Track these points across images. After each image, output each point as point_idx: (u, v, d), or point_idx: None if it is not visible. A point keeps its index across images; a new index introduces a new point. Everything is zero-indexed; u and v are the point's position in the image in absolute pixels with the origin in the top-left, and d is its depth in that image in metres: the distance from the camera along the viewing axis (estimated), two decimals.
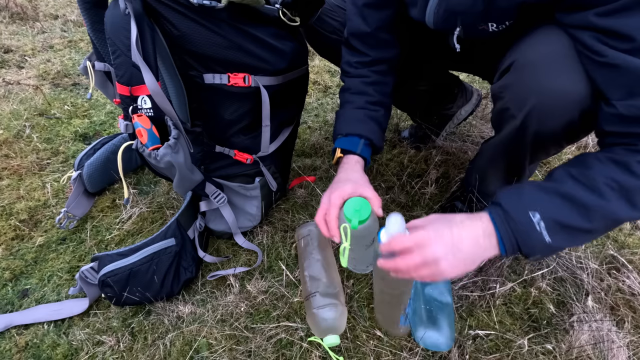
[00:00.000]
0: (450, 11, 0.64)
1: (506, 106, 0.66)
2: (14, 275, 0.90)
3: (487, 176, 0.87)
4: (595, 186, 0.53)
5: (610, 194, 0.52)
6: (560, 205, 0.54)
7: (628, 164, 0.52)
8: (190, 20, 0.68)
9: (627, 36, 0.49)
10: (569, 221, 0.53)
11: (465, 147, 1.23)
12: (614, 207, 0.52)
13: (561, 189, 0.54)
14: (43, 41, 1.88)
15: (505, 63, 0.65)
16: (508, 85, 0.64)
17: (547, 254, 0.60)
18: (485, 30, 0.65)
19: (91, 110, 1.43)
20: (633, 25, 0.48)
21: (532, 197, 0.55)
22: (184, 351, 0.75)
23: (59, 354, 0.75)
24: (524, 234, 0.54)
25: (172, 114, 0.70)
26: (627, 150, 0.53)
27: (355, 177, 0.75)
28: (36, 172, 1.16)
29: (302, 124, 1.38)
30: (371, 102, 0.83)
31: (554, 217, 0.53)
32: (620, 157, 0.53)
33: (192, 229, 0.87)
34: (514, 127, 0.67)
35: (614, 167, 0.53)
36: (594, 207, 0.52)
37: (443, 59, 0.96)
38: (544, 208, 0.54)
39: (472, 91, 1.20)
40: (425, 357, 0.73)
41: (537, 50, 0.60)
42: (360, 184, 0.73)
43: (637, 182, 0.51)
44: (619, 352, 0.72)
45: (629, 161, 0.52)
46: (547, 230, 0.53)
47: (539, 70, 0.59)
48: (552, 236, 0.53)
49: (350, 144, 0.80)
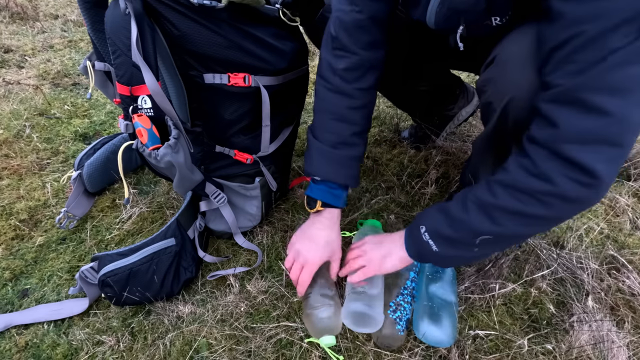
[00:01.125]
0: (454, 10, 0.64)
1: (489, 100, 0.67)
2: (14, 275, 0.90)
3: (478, 173, 0.87)
4: (464, 202, 0.62)
5: (471, 207, 0.61)
6: (438, 218, 0.66)
7: (489, 182, 0.59)
8: (191, 20, 0.68)
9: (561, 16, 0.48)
10: (442, 230, 0.64)
11: (465, 147, 1.23)
12: (472, 219, 0.60)
13: (444, 205, 0.66)
14: (43, 41, 1.88)
15: (489, 57, 0.66)
16: (489, 79, 0.66)
17: (444, 262, 0.70)
18: (488, 25, 0.65)
19: (91, 110, 1.43)
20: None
21: (427, 213, 0.69)
22: (184, 351, 0.75)
23: (59, 353, 0.75)
24: (417, 241, 0.68)
25: (172, 114, 0.70)
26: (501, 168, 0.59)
27: (334, 239, 0.79)
28: (36, 172, 1.16)
29: (302, 124, 1.38)
30: (355, 133, 0.77)
31: (432, 227, 0.66)
32: (490, 176, 0.60)
33: (192, 229, 0.87)
34: (495, 120, 0.68)
35: (482, 186, 0.60)
36: (457, 218, 0.62)
37: (444, 59, 0.96)
38: (428, 221, 0.67)
39: (474, 92, 1.20)
40: (425, 357, 0.73)
41: (515, 45, 0.60)
42: (336, 249, 0.79)
43: (494, 200, 0.58)
44: (619, 352, 0.72)
45: (492, 179, 0.59)
46: (432, 240, 0.65)
47: (516, 65, 0.60)
48: (438, 245, 0.65)
49: (333, 198, 0.78)
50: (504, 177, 0.57)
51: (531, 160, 0.54)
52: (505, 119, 0.65)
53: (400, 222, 0.99)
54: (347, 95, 0.75)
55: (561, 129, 0.50)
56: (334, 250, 0.79)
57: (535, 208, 0.55)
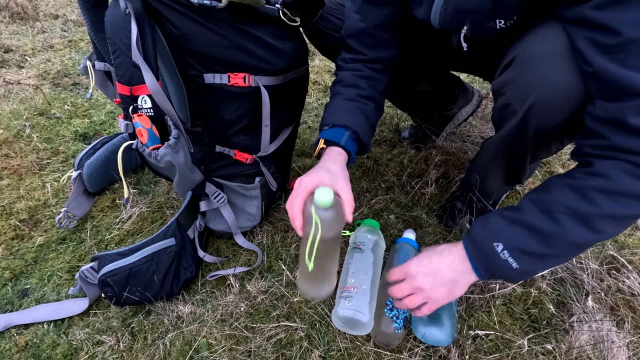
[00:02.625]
0: (460, 10, 0.64)
1: (508, 102, 0.66)
2: (14, 275, 0.90)
3: (487, 175, 0.87)
4: (551, 213, 0.57)
5: (564, 220, 0.56)
6: (520, 233, 0.59)
7: (583, 190, 0.55)
8: (191, 20, 0.68)
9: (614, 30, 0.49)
10: (529, 248, 0.58)
11: (465, 147, 1.23)
12: (569, 233, 0.55)
13: (521, 218, 0.60)
14: (43, 41, 1.88)
15: (507, 58, 0.65)
16: (509, 81, 0.64)
17: (523, 277, 0.64)
18: (492, 27, 0.65)
19: (91, 110, 1.43)
20: (621, 19, 0.48)
21: (496, 227, 0.62)
22: (183, 351, 0.75)
23: (59, 353, 0.75)
24: (490, 261, 0.61)
25: (173, 114, 0.70)
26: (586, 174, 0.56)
27: (335, 168, 0.70)
28: (36, 171, 1.16)
29: (302, 124, 1.38)
30: (362, 96, 0.79)
31: (515, 245, 0.59)
32: (577, 182, 0.56)
33: (192, 229, 0.87)
34: (515, 123, 0.66)
35: (570, 194, 0.56)
36: (550, 234, 0.57)
37: (444, 60, 0.96)
38: (506, 238, 0.60)
39: (473, 92, 1.20)
40: (425, 357, 0.73)
41: (539, 45, 0.60)
42: (339, 177, 0.69)
43: (592, 209, 0.54)
44: (619, 353, 0.72)
45: (585, 186, 0.55)
46: (512, 258, 0.59)
47: (541, 65, 0.59)
48: (519, 262, 0.59)
49: (335, 135, 0.75)
50: (604, 183, 0.54)
51: (637, 166, 0.52)
52: (527, 121, 0.64)
53: (400, 222, 1.00)
54: (355, 70, 0.81)
55: None
56: (336, 176, 0.69)
57: (637, 209, 0.54)
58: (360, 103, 0.79)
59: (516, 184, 0.96)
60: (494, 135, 0.78)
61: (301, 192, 0.68)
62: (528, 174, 0.85)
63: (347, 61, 0.83)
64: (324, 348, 0.74)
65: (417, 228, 0.97)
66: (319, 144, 0.77)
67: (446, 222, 0.98)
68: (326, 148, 0.76)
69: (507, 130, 0.70)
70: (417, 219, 1.00)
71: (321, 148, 0.76)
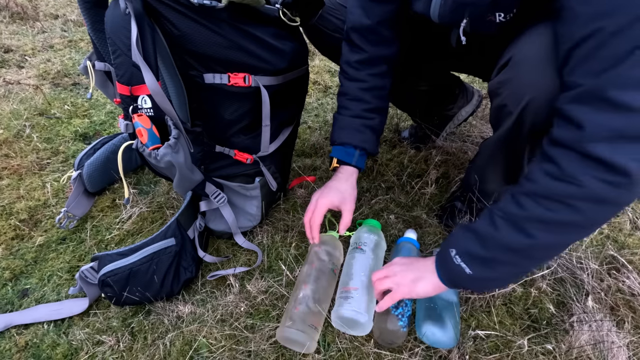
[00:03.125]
0: (459, 3, 0.64)
1: (504, 102, 0.66)
2: (14, 275, 0.90)
3: (486, 175, 0.87)
4: (492, 218, 0.59)
5: (499, 223, 0.58)
6: (467, 238, 0.62)
7: (515, 195, 0.57)
8: (191, 20, 0.68)
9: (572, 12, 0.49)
10: (472, 250, 0.60)
11: (465, 147, 1.23)
12: (503, 235, 0.57)
13: (472, 225, 0.63)
14: (43, 41, 1.88)
15: (503, 59, 0.65)
16: (505, 81, 0.65)
17: (480, 284, 0.65)
18: (492, 21, 0.65)
19: (91, 110, 1.43)
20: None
21: (454, 235, 0.66)
22: (183, 351, 0.75)
23: (59, 353, 0.75)
24: (447, 266, 0.64)
25: (172, 114, 0.70)
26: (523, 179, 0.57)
27: (346, 189, 0.83)
28: (36, 171, 1.16)
29: (302, 124, 1.38)
30: (367, 110, 0.85)
31: (463, 249, 0.62)
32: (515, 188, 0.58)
33: (192, 229, 0.87)
34: (511, 123, 0.67)
35: (508, 199, 0.58)
36: (487, 236, 0.59)
37: (444, 59, 0.96)
38: (458, 243, 0.63)
39: (473, 92, 1.20)
40: (426, 357, 0.73)
41: (533, 46, 0.60)
42: (347, 199, 0.83)
43: (520, 212, 0.55)
44: (619, 353, 0.72)
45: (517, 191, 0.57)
46: (464, 263, 0.61)
47: (534, 66, 0.59)
48: (471, 267, 0.61)
49: (346, 155, 0.85)
50: (529, 186, 0.55)
51: (556, 164, 0.52)
52: (522, 121, 0.65)
53: (400, 222, 1.00)
54: (359, 80, 0.85)
55: (587, 129, 0.48)
56: (345, 198, 0.82)
57: (565, 214, 0.52)
58: (367, 119, 0.85)
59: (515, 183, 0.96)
60: (491, 136, 0.78)
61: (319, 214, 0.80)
62: None
63: (352, 65, 0.85)
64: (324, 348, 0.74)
65: (417, 228, 0.97)
66: (332, 162, 0.87)
67: (446, 222, 0.98)
68: (339, 167, 0.86)
69: (503, 131, 0.71)
70: (417, 219, 1.00)
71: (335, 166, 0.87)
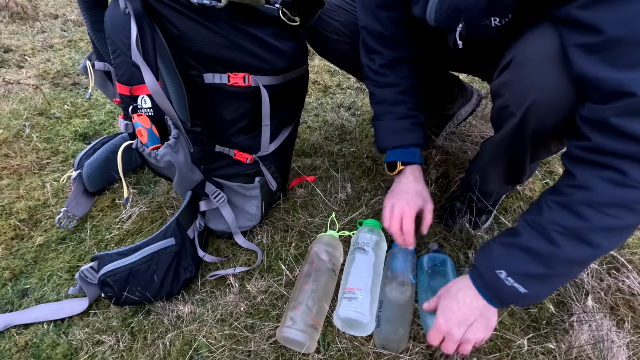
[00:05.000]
0: (454, 8, 0.64)
1: (506, 104, 0.66)
2: (14, 275, 0.90)
3: (487, 176, 0.87)
4: (546, 234, 0.56)
5: (559, 239, 0.55)
6: (520, 258, 0.59)
7: (571, 206, 0.55)
8: (191, 20, 0.68)
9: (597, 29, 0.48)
10: (531, 271, 0.58)
11: (465, 147, 1.23)
12: (567, 252, 0.55)
13: (519, 242, 0.60)
14: (43, 41, 1.88)
15: (505, 60, 0.65)
16: (508, 83, 0.64)
17: (537, 299, 0.64)
18: (488, 26, 0.65)
19: (91, 110, 1.43)
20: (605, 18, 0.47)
21: (497, 256, 0.62)
22: (184, 351, 0.75)
23: (59, 353, 0.75)
24: (499, 290, 0.61)
25: (172, 114, 0.70)
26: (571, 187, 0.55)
27: (423, 188, 0.84)
28: (36, 172, 1.16)
29: (302, 124, 1.38)
30: (412, 109, 0.86)
31: (517, 271, 0.59)
32: (565, 198, 0.56)
33: (192, 229, 0.87)
34: (514, 124, 0.67)
35: (560, 211, 0.56)
36: (548, 255, 0.57)
37: (442, 60, 0.96)
38: (507, 264, 0.60)
39: (473, 91, 1.20)
40: (426, 356, 0.73)
41: (536, 47, 0.60)
42: (428, 199, 0.83)
43: (583, 224, 0.53)
44: (619, 352, 0.72)
45: (571, 202, 0.55)
46: (518, 283, 0.59)
47: (537, 67, 0.59)
48: (526, 286, 0.59)
49: (410, 156, 0.85)
50: (587, 195, 0.53)
51: (619, 171, 0.51)
52: (526, 123, 0.64)
53: None
54: (393, 85, 0.86)
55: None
56: (426, 199, 0.82)
57: (630, 219, 0.52)
58: (414, 118, 0.86)
59: (517, 184, 0.96)
60: (493, 136, 0.78)
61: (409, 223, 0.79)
62: (529, 174, 0.86)
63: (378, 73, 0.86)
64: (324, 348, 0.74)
65: None
66: (397, 167, 0.86)
67: (446, 222, 0.98)
68: (406, 168, 0.86)
69: (506, 132, 0.70)
70: (417, 219, 1.00)
71: (401, 169, 0.86)
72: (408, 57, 0.85)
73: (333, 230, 0.94)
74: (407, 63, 0.86)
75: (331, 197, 1.06)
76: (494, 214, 0.99)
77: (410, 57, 0.86)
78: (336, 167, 1.17)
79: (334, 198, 1.06)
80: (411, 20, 0.77)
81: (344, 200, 1.05)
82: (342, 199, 1.05)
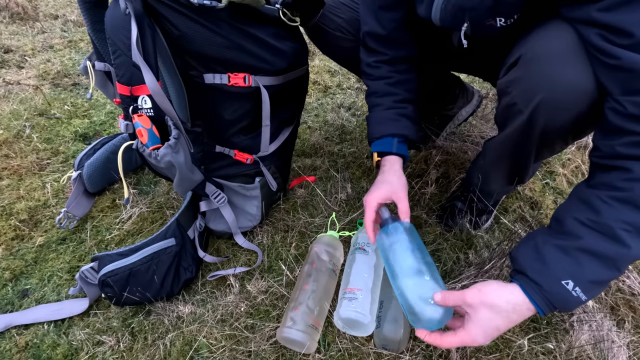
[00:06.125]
0: (459, 7, 0.64)
1: (513, 101, 0.65)
2: (14, 275, 0.90)
3: (490, 175, 0.87)
4: (613, 234, 0.52)
5: (629, 238, 0.51)
6: (588, 264, 0.53)
7: (636, 201, 0.51)
8: (191, 20, 0.68)
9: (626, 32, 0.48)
10: (601, 277, 0.53)
11: (465, 147, 1.23)
12: (638, 250, 0.51)
13: (582, 245, 0.54)
14: (43, 41, 1.88)
15: (512, 57, 0.64)
16: (515, 80, 0.64)
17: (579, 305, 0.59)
18: (493, 25, 0.64)
19: (91, 110, 1.43)
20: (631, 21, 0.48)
21: (559, 264, 0.54)
22: (184, 351, 0.75)
23: (59, 354, 0.75)
24: (562, 301, 0.54)
25: (173, 114, 0.70)
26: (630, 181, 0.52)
27: (392, 179, 0.78)
28: (36, 172, 1.16)
29: (302, 124, 1.38)
30: (398, 101, 0.85)
31: (587, 279, 0.53)
32: (625, 194, 0.52)
33: (192, 229, 0.87)
34: (521, 122, 0.66)
35: (623, 208, 0.52)
36: (618, 257, 0.52)
37: (446, 59, 0.96)
38: (574, 274, 0.53)
39: (473, 92, 1.20)
40: (426, 356, 0.73)
41: (544, 44, 0.59)
42: (397, 188, 0.76)
43: None
44: (619, 352, 0.72)
45: (635, 197, 0.51)
46: (583, 292, 0.53)
47: (547, 64, 0.58)
48: (588, 294, 0.53)
49: (385, 145, 0.83)
50: None
51: None
52: (534, 121, 0.64)
53: None
54: (384, 77, 0.86)
55: None
56: (394, 187, 0.76)
57: None
58: (399, 109, 0.84)
59: (519, 184, 0.96)
60: (497, 135, 0.77)
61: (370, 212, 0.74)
62: (530, 174, 0.85)
63: (372, 66, 0.86)
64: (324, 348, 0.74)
65: (417, 228, 0.97)
66: (373, 158, 0.84)
67: (446, 221, 0.98)
68: (381, 159, 0.83)
69: (512, 130, 0.70)
70: (417, 219, 1.00)
71: (377, 161, 0.84)
72: (408, 56, 0.86)
73: (333, 230, 0.94)
74: (405, 61, 0.86)
75: (331, 197, 1.06)
76: (494, 213, 0.99)
77: (410, 56, 0.86)
78: (336, 167, 1.17)
79: (334, 198, 1.06)
80: (414, 20, 0.77)
81: (344, 200, 1.05)
82: (342, 199, 1.05)
